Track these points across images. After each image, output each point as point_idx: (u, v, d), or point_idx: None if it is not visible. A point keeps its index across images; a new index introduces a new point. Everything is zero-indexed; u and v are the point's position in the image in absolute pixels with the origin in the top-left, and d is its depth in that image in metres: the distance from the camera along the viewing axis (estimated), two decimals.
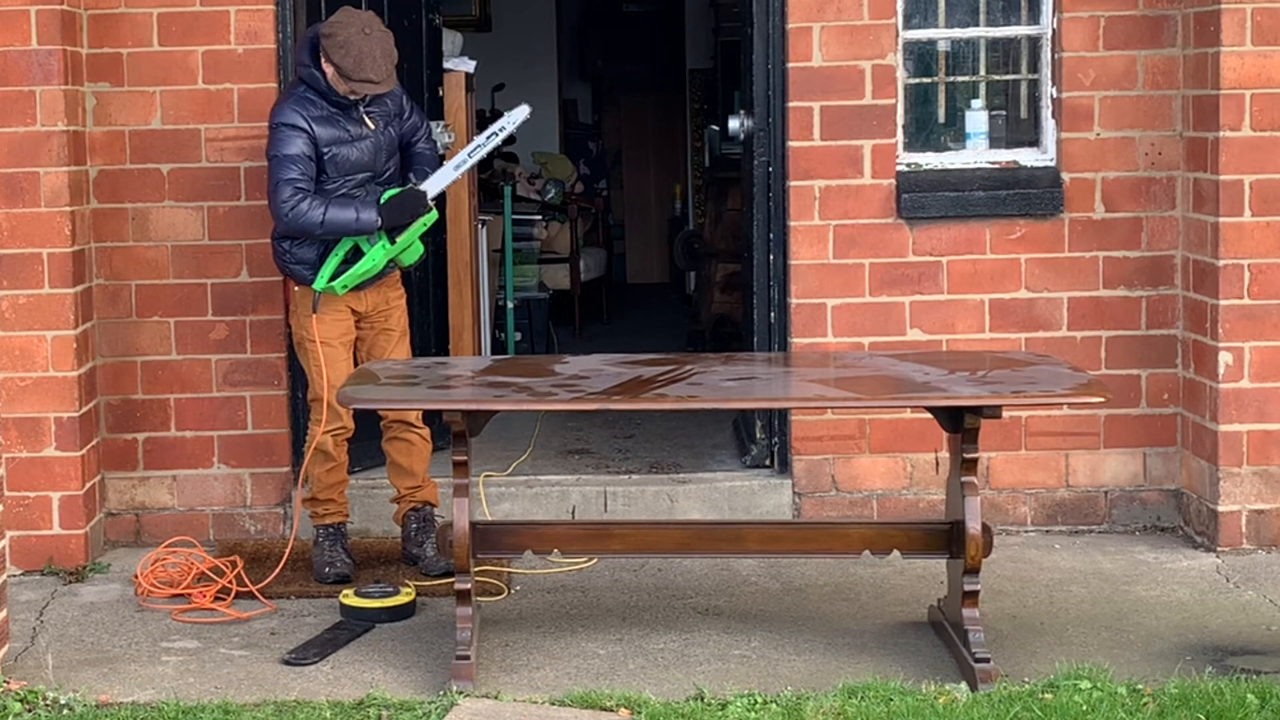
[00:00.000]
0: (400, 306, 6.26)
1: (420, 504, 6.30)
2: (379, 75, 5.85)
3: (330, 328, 6.09)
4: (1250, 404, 6.37)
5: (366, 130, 6.00)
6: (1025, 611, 5.77)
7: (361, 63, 5.81)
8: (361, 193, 6.01)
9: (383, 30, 5.91)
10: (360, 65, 5.81)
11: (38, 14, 6.22)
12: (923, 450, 6.68)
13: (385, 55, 5.85)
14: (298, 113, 5.89)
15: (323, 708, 4.91)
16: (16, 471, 6.26)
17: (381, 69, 5.85)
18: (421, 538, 6.28)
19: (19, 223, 6.29)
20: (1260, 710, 4.75)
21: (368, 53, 5.82)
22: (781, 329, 6.74)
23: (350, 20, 5.88)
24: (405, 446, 6.24)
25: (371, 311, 6.18)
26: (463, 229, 7.97)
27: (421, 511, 6.30)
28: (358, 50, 5.81)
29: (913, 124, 6.83)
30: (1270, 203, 6.34)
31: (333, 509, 6.24)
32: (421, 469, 6.28)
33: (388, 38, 5.90)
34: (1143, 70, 6.62)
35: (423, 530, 6.29)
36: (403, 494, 6.31)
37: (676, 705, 4.87)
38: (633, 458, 7.31)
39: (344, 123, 5.96)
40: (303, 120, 5.88)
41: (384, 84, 5.88)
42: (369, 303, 6.16)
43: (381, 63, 5.84)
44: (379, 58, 5.83)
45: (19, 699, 5.00)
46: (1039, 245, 6.67)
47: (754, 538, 5.62)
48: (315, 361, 6.05)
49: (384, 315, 6.21)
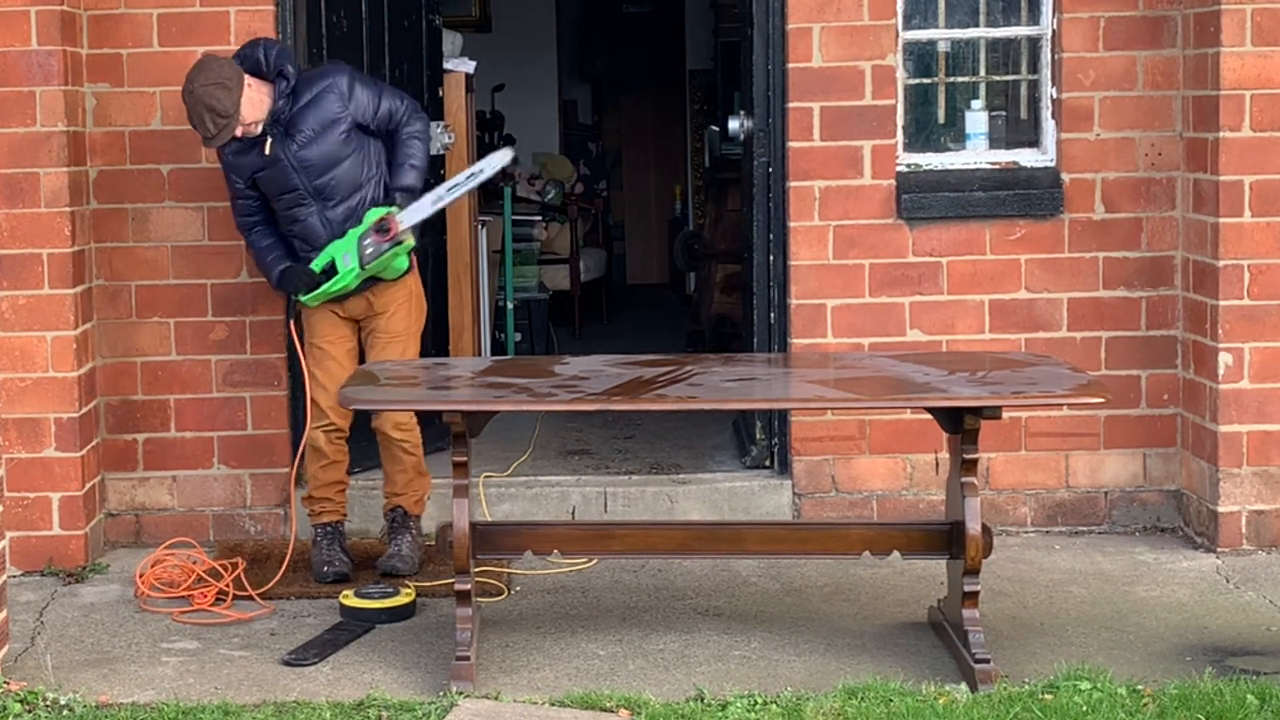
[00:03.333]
0: (400, 310, 6.18)
1: (396, 507, 6.29)
2: (208, 132, 5.79)
3: (318, 329, 6.13)
4: (1250, 405, 6.37)
5: (265, 154, 5.92)
6: (1025, 612, 5.77)
7: (190, 120, 5.83)
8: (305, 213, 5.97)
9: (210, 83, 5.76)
10: (191, 123, 5.84)
11: (38, 14, 6.22)
12: (923, 451, 6.68)
13: (207, 110, 5.75)
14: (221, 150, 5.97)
15: (323, 708, 4.90)
16: (16, 472, 6.25)
17: (207, 125, 5.77)
18: (389, 536, 6.30)
19: (19, 223, 6.29)
20: (1260, 711, 4.75)
21: (191, 111, 5.80)
22: (781, 330, 6.74)
23: (189, 76, 5.84)
24: (389, 454, 6.25)
25: (362, 317, 6.18)
26: (463, 230, 7.97)
27: (395, 514, 6.29)
28: (187, 108, 5.82)
29: (913, 124, 6.83)
30: (1270, 203, 6.34)
31: (329, 507, 6.24)
32: (402, 479, 6.25)
33: (215, 89, 5.75)
34: (1143, 71, 6.62)
35: (391, 530, 6.30)
36: (385, 494, 6.36)
37: (676, 706, 4.87)
38: (633, 458, 7.31)
39: (256, 151, 5.95)
40: (225, 155, 5.99)
41: (219, 136, 5.79)
42: (355, 309, 6.14)
43: (207, 118, 5.76)
44: (201, 114, 5.76)
45: (19, 700, 5.00)
46: (1039, 246, 6.67)
47: (754, 538, 5.62)
48: (304, 360, 6.11)
49: (377, 319, 6.17)
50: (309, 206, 5.98)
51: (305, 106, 5.90)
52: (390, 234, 5.89)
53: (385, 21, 7.07)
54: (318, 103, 5.91)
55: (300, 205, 5.98)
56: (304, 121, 5.91)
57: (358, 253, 5.92)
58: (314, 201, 5.97)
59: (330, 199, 5.97)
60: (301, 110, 5.90)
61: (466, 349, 8.00)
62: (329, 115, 5.91)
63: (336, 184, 5.96)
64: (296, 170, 5.92)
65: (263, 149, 5.91)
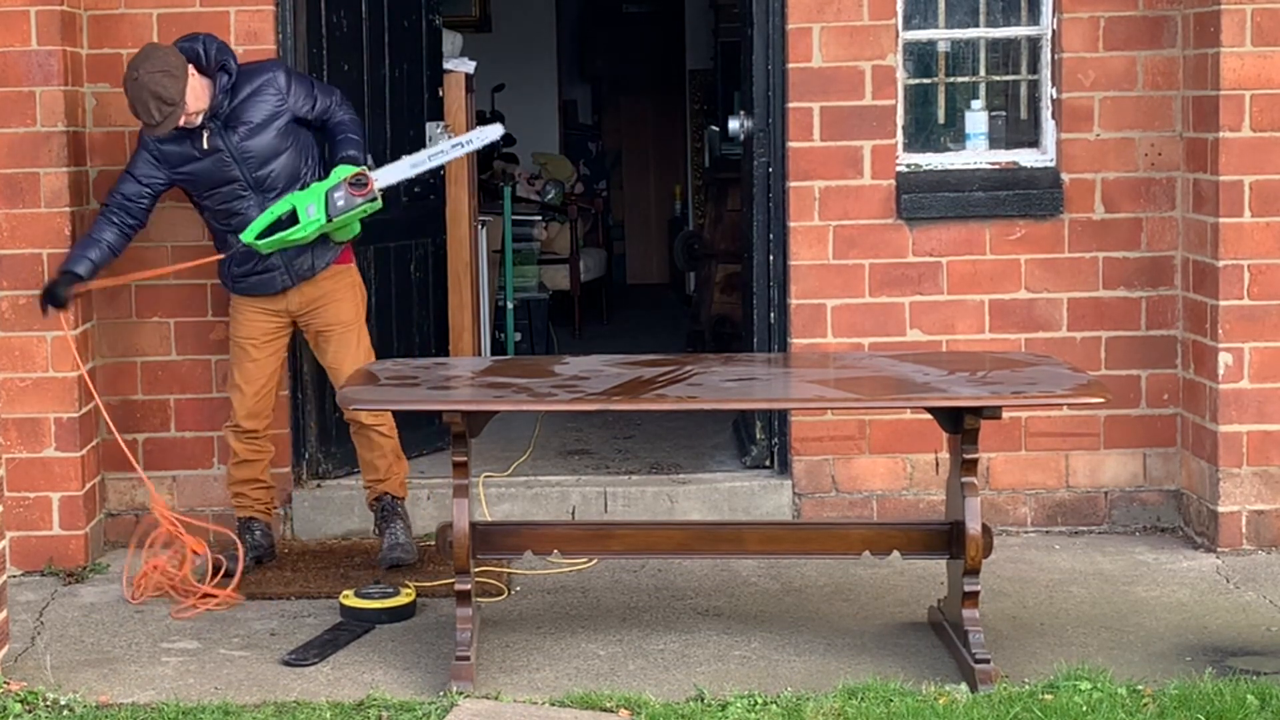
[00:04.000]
0: (346, 297, 6.20)
1: (381, 494, 6.32)
2: (151, 119, 5.79)
3: (243, 327, 6.19)
4: (1250, 404, 6.37)
5: (203, 145, 5.96)
6: (1025, 612, 5.77)
7: (134, 107, 5.83)
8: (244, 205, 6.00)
9: (157, 70, 5.78)
10: (134, 110, 5.84)
11: (38, 14, 6.22)
12: (923, 451, 6.68)
13: (153, 97, 5.76)
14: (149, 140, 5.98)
15: (323, 708, 4.90)
16: (16, 472, 6.25)
17: (152, 111, 5.78)
18: (382, 526, 6.32)
19: (19, 223, 6.29)
20: (1260, 711, 4.74)
21: (135, 98, 5.80)
22: (781, 329, 6.74)
23: (132, 63, 5.85)
24: (365, 441, 6.28)
25: (300, 310, 6.18)
26: (463, 230, 7.97)
27: (383, 501, 6.32)
28: (130, 95, 5.82)
29: (913, 125, 6.82)
30: (1270, 203, 6.34)
31: (244, 503, 6.33)
32: (383, 464, 6.29)
33: (162, 77, 5.77)
34: (1143, 71, 6.62)
35: (383, 519, 6.32)
36: (367, 485, 6.38)
37: (676, 706, 4.87)
38: (633, 458, 7.31)
39: (191, 143, 5.97)
40: (152, 145, 6.00)
41: (163, 124, 5.80)
42: (291, 303, 6.16)
43: (152, 105, 5.77)
44: (146, 101, 5.77)
45: (19, 700, 5.00)
46: (1039, 246, 6.67)
47: (754, 538, 5.62)
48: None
49: (317, 312, 6.18)
50: (248, 199, 6.02)
51: (244, 100, 5.97)
52: (367, 189, 5.93)
53: (385, 21, 7.07)
54: (257, 96, 5.98)
55: (239, 198, 6.02)
56: (245, 114, 5.97)
57: (324, 204, 5.92)
58: (254, 193, 6.01)
59: (270, 190, 6.01)
60: (241, 104, 5.97)
61: (466, 349, 8.00)
62: (268, 109, 6.00)
63: (277, 175, 6.02)
64: (238, 161, 5.97)
65: (199, 142, 5.95)
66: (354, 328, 6.22)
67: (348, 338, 6.20)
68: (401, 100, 7.18)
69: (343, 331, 6.20)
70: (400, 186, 6.51)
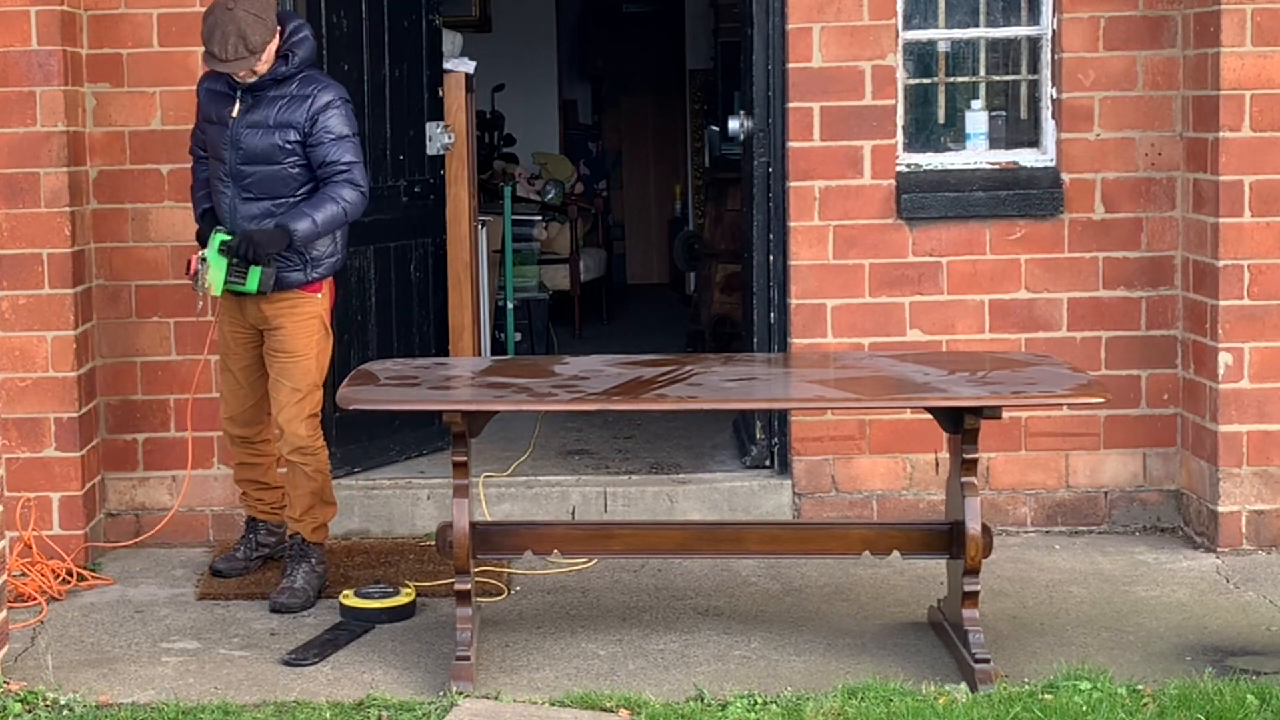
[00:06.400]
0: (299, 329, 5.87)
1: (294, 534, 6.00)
2: (224, 52, 5.59)
3: (222, 339, 6.11)
4: (1250, 404, 6.37)
5: (229, 115, 5.79)
6: (1025, 612, 5.77)
7: (211, 35, 5.61)
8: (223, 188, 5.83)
9: (253, 12, 5.60)
10: (210, 37, 5.62)
11: (38, 14, 6.22)
12: (923, 451, 6.68)
13: (238, 34, 5.57)
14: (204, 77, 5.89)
15: (323, 708, 4.91)
16: (16, 471, 6.25)
17: (229, 46, 5.58)
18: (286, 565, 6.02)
19: (19, 223, 6.29)
20: (1260, 711, 4.75)
21: (218, 25, 5.60)
22: (781, 329, 6.74)
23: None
24: (290, 476, 5.97)
25: (259, 325, 5.96)
26: (463, 229, 7.97)
27: (294, 540, 6.00)
28: (213, 21, 5.63)
29: (913, 125, 6.82)
30: (1270, 203, 6.34)
31: (248, 502, 6.30)
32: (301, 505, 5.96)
33: (252, 20, 5.59)
34: (1143, 71, 6.62)
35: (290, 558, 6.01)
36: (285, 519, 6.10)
37: (676, 706, 4.87)
38: (633, 458, 7.30)
39: (223, 103, 5.82)
40: (204, 85, 5.93)
41: (230, 62, 5.60)
42: (251, 316, 5.95)
43: (232, 41, 5.57)
44: (229, 34, 5.57)
45: (19, 700, 5.00)
46: (1039, 246, 6.67)
47: (754, 538, 5.62)
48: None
49: (271, 333, 5.92)
50: (226, 185, 5.85)
51: (281, 96, 5.77)
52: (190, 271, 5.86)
53: (385, 21, 7.07)
54: (293, 100, 5.76)
55: (219, 179, 5.87)
56: (268, 107, 5.77)
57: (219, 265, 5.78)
58: (231, 184, 5.84)
59: (246, 191, 5.82)
60: (274, 97, 5.78)
61: (466, 349, 8.00)
62: (289, 117, 5.75)
63: (254, 181, 5.80)
64: (230, 144, 5.80)
65: (230, 106, 5.81)
66: (298, 359, 5.86)
67: (288, 369, 5.86)
68: (401, 100, 7.18)
69: (285, 361, 5.87)
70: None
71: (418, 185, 7.28)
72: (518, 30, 13.42)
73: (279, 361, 5.90)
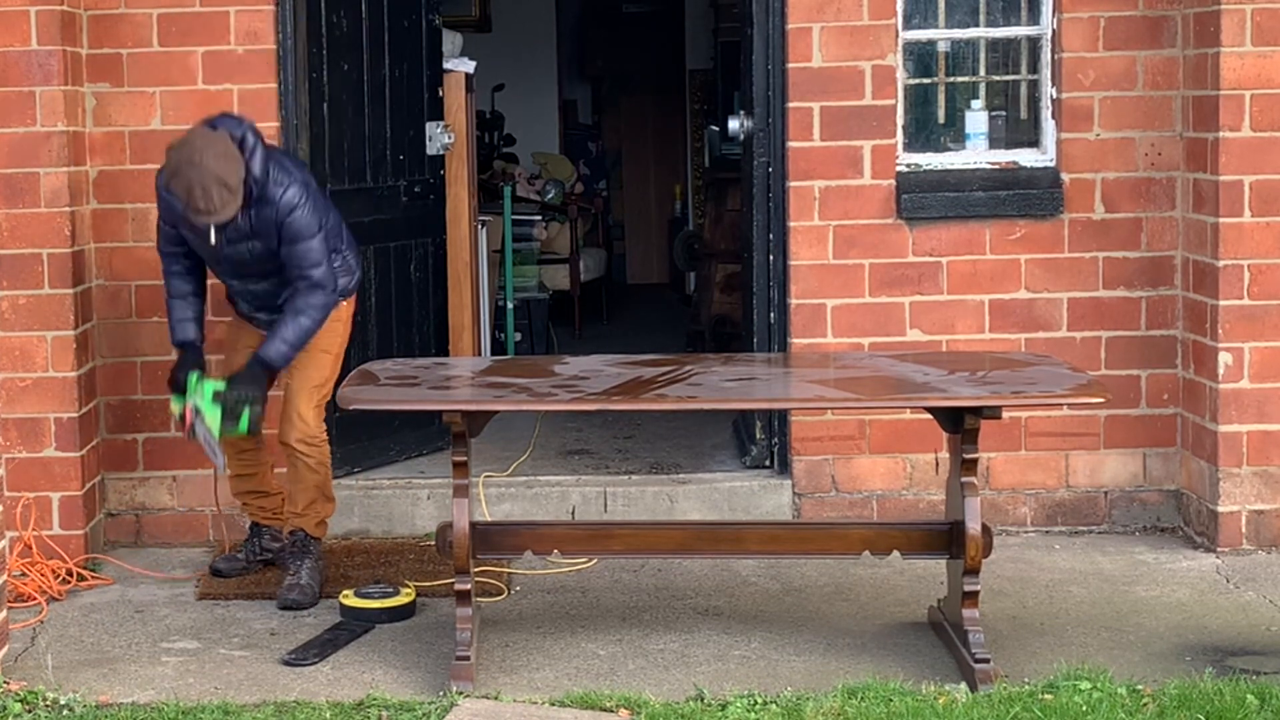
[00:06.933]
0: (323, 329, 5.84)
1: (296, 529, 6.04)
2: (210, 205, 5.44)
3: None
4: (1250, 404, 6.37)
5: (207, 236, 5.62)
6: (1025, 612, 5.77)
7: (191, 192, 5.44)
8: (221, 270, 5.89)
9: (216, 153, 5.46)
10: (190, 194, 5.45)
11: (38, 14, 6.22)
12: (923, 451, 6.68)
13: (217, 182, 5.42)
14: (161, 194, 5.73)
15: (323, 708, 4.91)
16: (16, 471, 6.25)
17: (213, 198, 5.43)
18: (288, 561, 6.03)
19: (19, 223, 6.29)
20: (1260, 710, 4.75)
21: (194, 182, 5.42)
22: (781, 329, 6.74)
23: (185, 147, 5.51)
24: (292, 471, 6.01)
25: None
26: (463, 229, 7.97)
27: (295, 536, 6.02)
28: (186, 180, 5.45)
29: (913, 124, 6.83)
30: (1270, 203, 6.34)
31: (248, 510, 6.31)
32: (304, 499, 6.00)
33: (221, 161, 5.45)
34: (1143, 71, 6.62)
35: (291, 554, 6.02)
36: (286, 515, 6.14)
37: (676, 706, 4.87)
38: (633, 458, 7.30)
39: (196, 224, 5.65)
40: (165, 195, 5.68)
41: (220, 212, 5.47)
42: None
43: (214, 190, 5.42)
44: (209, 185, 5.42)
45: (19, 699, 5.00)
46: (1039, 246, 6.67)
47: (754, 538, 5.62)
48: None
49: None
50: (224, 273, 5.94)
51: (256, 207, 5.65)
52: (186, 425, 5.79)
53: (385, 21, 7.07)
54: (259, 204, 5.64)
55: (216, 265, 5.92)
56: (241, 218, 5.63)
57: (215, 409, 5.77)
58: (230, 273, 5.90)
59: (249, 278, 5.88)
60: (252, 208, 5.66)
61: (466, 349, 8.00)
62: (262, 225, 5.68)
63: (253, 269, 5.82)
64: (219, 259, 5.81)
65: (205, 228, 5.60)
66: (323, 355, 5.93)
67: (314, 359, 5.91)
68: (401, 100, 7.18)
69: (312, 353, 5.90)
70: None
71: (418, 185, 7.28)
72: (518, 30, 13.42)
73: (305, 353, 5.90)
